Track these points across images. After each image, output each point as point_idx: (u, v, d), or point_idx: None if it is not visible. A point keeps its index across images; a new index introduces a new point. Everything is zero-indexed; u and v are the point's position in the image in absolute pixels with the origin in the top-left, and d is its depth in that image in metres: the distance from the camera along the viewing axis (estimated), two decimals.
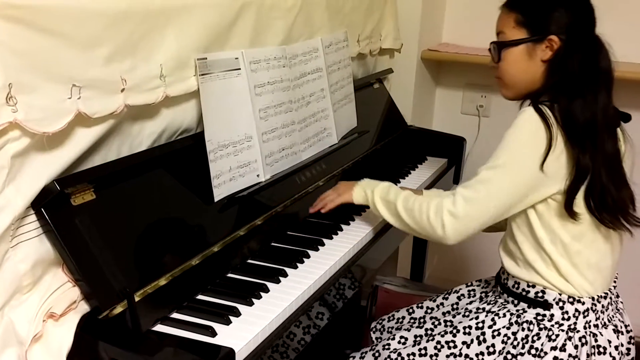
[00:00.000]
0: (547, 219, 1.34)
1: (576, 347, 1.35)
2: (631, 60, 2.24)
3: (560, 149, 1.28)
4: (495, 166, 1.32)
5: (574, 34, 1.33)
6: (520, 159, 1.30)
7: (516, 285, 1.41)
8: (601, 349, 1.35)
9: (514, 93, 1.43)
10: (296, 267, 1.39)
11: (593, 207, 1.31)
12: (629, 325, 1.44)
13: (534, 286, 1.38)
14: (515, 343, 1.37)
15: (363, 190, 1.55)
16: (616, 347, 1.37)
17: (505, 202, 1.33)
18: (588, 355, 1.35)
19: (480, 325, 1.41)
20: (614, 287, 1.44)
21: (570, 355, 1.34)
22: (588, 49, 1.33)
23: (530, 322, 1.37)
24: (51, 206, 1.07)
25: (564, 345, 1.34)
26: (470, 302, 1.54)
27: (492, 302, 1.47)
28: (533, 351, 1.35)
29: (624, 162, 1.36)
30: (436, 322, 1.51)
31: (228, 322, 1.17)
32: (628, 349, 1.42)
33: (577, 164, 1.28)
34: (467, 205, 1.33)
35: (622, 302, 1.48)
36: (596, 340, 1.36)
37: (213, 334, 1.13)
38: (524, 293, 1.40)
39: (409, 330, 1.53)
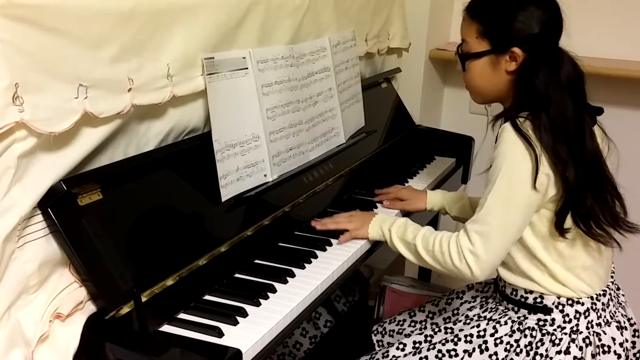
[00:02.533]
0: (539, 228, 1.32)
1: (580, 348, 1.34)
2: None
3: (545, 161, 1.26)
4: (497, 193, 1.29)
5: (537, 45, 1.30)
6: (519, 181, 1.27)
7: (514, 293, 1.40)
8: (606, 348, 1.35)
9: (482, 100, 1.44)
10: (304, 268, 1.38)
11: (581, 224, 1.29)
12: (632, 319, 1.43)
13: (531, 292, 1.37)
14: (518, 350, 1.36)
15: (379, 227, 1.50)
16: (621, 344, 1.36)
17: (518, 225, 1.31)
18: (593, 356, 1.34)
19: (481, 333, 1.40)
20: (612, 282, 1.43)
21: (575, 357, 1.33)
22: (551, 60, 1.30)
23: (533, 329, 1.36)
24: (58, 206, 1.06)
25: (568, 348, 1.33)
26: (471, 309, 1.52)
27: (492, 310, 1.45)
28: (538, 357, 1.34)
29: (607, 162, 1.34)
30: (436, 329, 1.49)
31: (235, 323, 1.16)
32: (633, 342, 1.41)
33: (565, 181, 1.26)
34: (484, 240, 1.29)
35: (623, 295, 1.46)
36: (600, 340, 1.35)
37: (220, 334, 1.12)
38: (522, 300, 1.39)
39: (408, 336, 1.52)
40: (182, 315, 1.19)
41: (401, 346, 1.48)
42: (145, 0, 1.18)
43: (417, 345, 1.47)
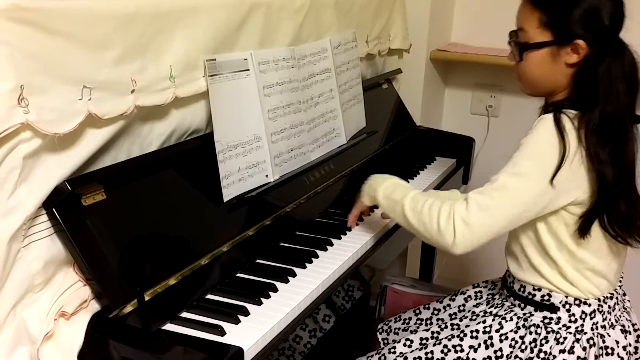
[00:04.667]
0: (554, 227, 1.32)
1: (584, 349, 1.34)
2: None
3: (578, 161, 1.24)
4: (514, 174, 1.26)
5: (603, 38, 1.25)
6: (539, 170, 1.25)
7: (522, 289, 1.40)
8: (609, 350, 1.35)
9: (533, 92, 1.38)
10: (305, 267, 1.40)
11: (608, 225, 1.28)
12: (636, 324, 1.43)
13: (539, 289, 1.37)
14: (523, 347, 1.36)
15: (368, 189, 1.50)
16: (624, 347, 1.37)
17: (520, 212, 1.28)
18: (596, 357, 1.34)
19: (487, 329, 1.41)
20: (620, 286, 1.44)
21: (578, 357, 1.33)
22: (615, 51, 1.25)
23: (538, 326, 1.37)
24: (62, 206, 1.07)
25: (572, 347, 1.34)
26: (477, 305, 1.53)
27: (499, 306, 1.46)
28: (542, 355, 1.34)
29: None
30: (442, 325, 1.50)
31: (237, 322, 1.17)
32: (636, 348, 1.41)
33: (602, 181, 1.24)
34: (481, 213, 1.26)
35: (629, 301, 1.47)
36: (604, 342, 1.35)
37: (222, 333, 1.14)
38: (530, 296, 1.39)
39: (415, 332, 1.53)
40: (184, 314, 1.20)
41: (408, 342, 1.49)
42: (148, 3, 1.19)
43: (423, 341, 1.48)
